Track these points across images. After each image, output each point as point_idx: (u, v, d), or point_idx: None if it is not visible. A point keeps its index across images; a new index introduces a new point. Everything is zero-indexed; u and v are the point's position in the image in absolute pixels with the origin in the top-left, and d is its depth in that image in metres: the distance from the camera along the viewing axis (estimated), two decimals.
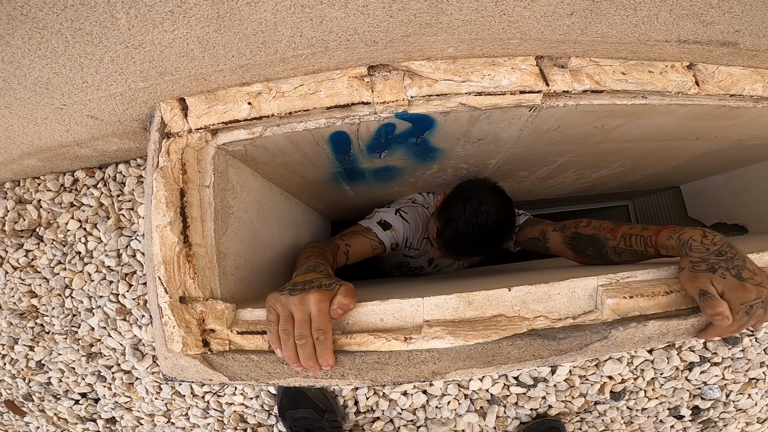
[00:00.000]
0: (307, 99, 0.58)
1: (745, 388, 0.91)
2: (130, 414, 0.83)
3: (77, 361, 0.81)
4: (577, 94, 0.60)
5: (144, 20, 0.45)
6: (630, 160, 1.00)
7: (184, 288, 0.57)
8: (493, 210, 0.85)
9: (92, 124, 0.64)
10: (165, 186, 0.57)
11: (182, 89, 0.58)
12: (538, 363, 0.58)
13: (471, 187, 0.91)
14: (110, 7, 0.43)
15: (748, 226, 1.30)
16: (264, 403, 0.80)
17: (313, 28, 0.48)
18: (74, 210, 0.76)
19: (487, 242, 0.86)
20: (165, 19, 0.45)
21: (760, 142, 0.96)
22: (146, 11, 0.43)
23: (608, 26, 0.53)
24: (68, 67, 0.52)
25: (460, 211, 0.85)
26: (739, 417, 0.94)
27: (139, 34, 0.47)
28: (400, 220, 0.99)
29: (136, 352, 0.79)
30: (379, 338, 0.54)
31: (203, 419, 0.81)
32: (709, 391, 0.89)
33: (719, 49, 0.61)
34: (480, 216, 0.84)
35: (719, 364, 0.88)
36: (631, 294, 0.57)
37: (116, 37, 0.47)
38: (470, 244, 0.85)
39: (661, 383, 0.86)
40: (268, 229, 0.80)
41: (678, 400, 0.89)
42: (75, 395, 0.84)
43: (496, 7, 0.48)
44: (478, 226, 0.84)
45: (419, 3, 0.46)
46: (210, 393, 0.80)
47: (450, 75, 0.57)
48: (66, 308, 0.79)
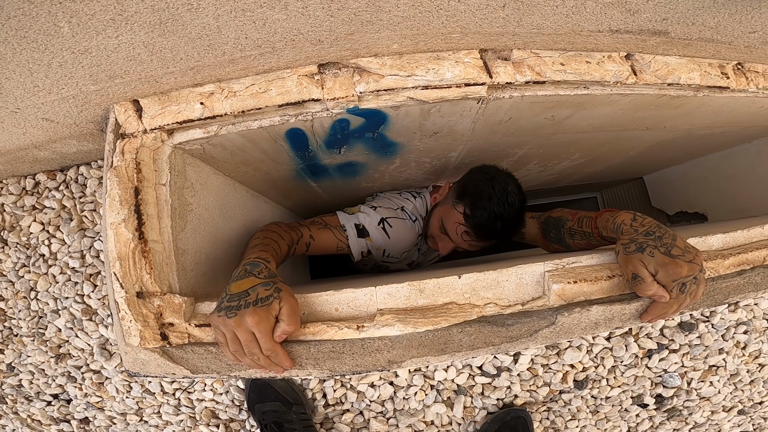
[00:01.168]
0: (259, 98, 0.59)
1: (705, 375, 0.94)
2: (103, 414, 0.84)
3: (46, 363, 0.82)
4: (520, 86, 0.63)
5: (86, 28, 0.46)
6: (588, 151, 1.04)
7: (141, 283, 0.59)
8: (515, 189, 0.84)
9: (48, 127, 0.65)
10: (119, 184, 0.58)
11: (134, 91, 0.59)
12: (492, 350, 0.60)
13: (489, 170, 0.89)
14: (52, 17, 0.44)
15: (707, 214, 1.35)
16: (234, 398, 0.81)
17: (257, 30, 0.50)
18: (37, 213, 0.77)
19: (515, 223, 0.84)
20: (107, 26, 0.46)
21: (709, 132, 1.00)
22: (87, 20, 0.45)
23: (541, 17, 0.56)
24: (18, 72, 0.53)
25: (490, 191, 0.82)
26: (703, 405, 0.97)
27: (84, 40, 0.48)
28: (381, 233, 0.92)
29: (104, 352, 0.79)
30: (332, 327, 0.56)
31: (175, 416, 0.82)
32: (670, 379, 0.92)
33: (652, 39, 0.64)
34: (510, 195, 0.82)
35: (677, 351, 0.91)
36: (576, 279, 0.59)
37: (61, 43, 0.48)
38: (503, 225, 0.81)
39: (622, 371, 0.89)
40: (232, 226, 0.81)
41: (640, 388, 0.91)
42: (47, 397, 0.84)
43: (432, 2, 0.50)
44: (509, 204, 0.81)
45: (357, 2, 0.48)
46: (180, 390, 0.81)
47: (396, 70, 0.59)
48: (32, 310, 0.80)
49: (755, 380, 1.00)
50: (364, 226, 0.91)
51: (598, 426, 0.93)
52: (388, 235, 0.92)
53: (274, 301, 0.50)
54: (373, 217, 0.92)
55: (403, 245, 0.97)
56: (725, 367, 0.96)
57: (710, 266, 0.65)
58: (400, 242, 0.96)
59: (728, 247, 0.70)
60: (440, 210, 0.92)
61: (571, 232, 0.78)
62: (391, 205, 0.99)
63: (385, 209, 0.96)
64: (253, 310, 0.48)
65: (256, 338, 0.49)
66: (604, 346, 0.86)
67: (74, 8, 0.44)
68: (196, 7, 0.44)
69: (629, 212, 0.63)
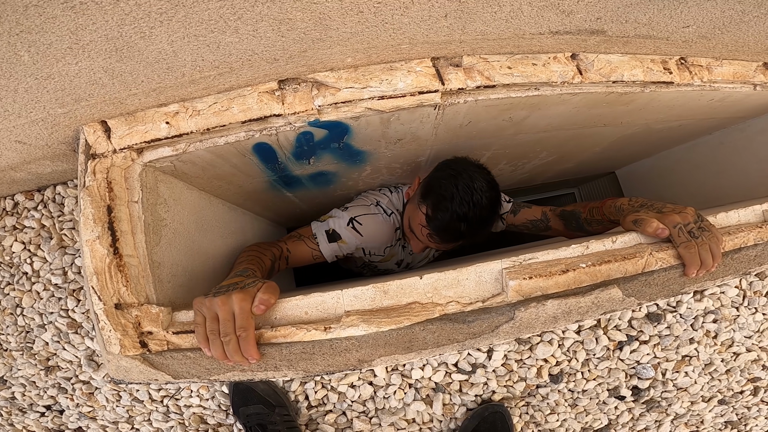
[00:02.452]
0: (222, 115, 0.62)
1: (679, 366, 0.96)
2: (96, 423, 0.87)
3: (37, 375, 0.84)
4: (472, 90, 0.66)
5: (45, 56, 0.48)
6: (554, 149, 1.07)
7: (119, 295, 0.61)
8: (485, 186, 0.78)
9: (21, 149, 0.67)
10: (91, 204, 0.61)
11: (101, 113, 0.61)
12: (457, 347, 0.63)
13: (455, 165, 0.83)
14: (11, 47, 0.46)
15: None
16: (221, 404, 0.84)
17: (212, 52, 0.53)
18: (17, 233, 0.79)
19: (484, 223, 0.79)
20: (66, 54, 0.48)
21: (667, 125, 1.03)
22: (45, 48, 0.47)
23: (483, 24, 0.58)
24: None
25: (452, 189, 0.77)
26: (681, 396, 0.98)
27: (45, 67, 0.50)
28: (351, 233, 0.91)
29: (92, 363, 0.82)
30: (300, 329, 0.59)
31: (165, 423, 0.85)
32: (644, 370, 0.93)
33: (592, 38, 0.67)
34: (475, 193, 0.76)
35: (647, 342, 0.93)
36: (531, 275, 0.62)
37: (24, 70, 0.50)
38: (468, 226, 0.77)
39: (596, 364, 0.91)
40: (209, 239, 0.83)
41: (615, 380, 0.93)
42: (40, 408, 0.87)
43: (376, 17, 0.52)
44: (474, 204, 0.76)
45: (305, 22, 0.51)
46: (168, 396, 0.83)
47: (351, 83, 0.61)
48: (19, 326, 0.82)
49: (731, 369, 1.02)
50: (334, 230, 0.91)
51: (578, 419, 0.95)
52: (359, 233, 0.92)
53: (259, 284, 0.58)
54: (342, 219, 0.92)
55: (380, 240, 0.96)
56: (698, 357, 0.98)
57: (661, 256, 0.68)
58: (376, 238, 0.94)
59: None
60: (409, 208, 0.90)
61: (588, 221, 0.84)
62: (365, 202, 0.99)
63: (356, 208, 0.96)
64: (239, 291, 0.55)
65: (234, 320, 0.54)
66: (575, 339, 0.89)
67: (31, 39, 0.46)
68: (148, 35, 0.47)
69: (625, 197, 0.75)
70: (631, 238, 0.68)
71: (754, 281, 1.02)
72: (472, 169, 0.82)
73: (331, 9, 0.48)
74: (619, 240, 0.68)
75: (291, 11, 0.47)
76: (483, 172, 0.83)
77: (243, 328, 0.54)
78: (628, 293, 0.66)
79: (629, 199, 0.76)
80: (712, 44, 0.77)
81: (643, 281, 0.66)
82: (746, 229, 0.72)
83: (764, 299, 1.01)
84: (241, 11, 0.46)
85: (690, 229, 0.64)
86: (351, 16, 0.51)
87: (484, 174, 0.82)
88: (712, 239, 0.63)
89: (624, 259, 0.65)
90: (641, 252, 0.66)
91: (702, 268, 0.63)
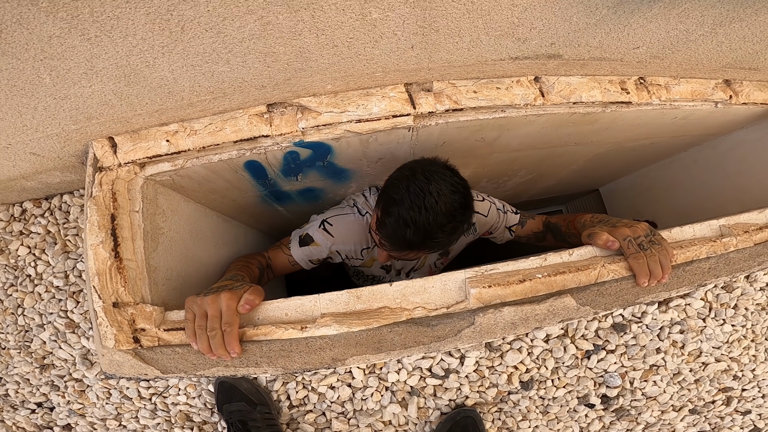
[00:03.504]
0: (216, 135, 0.69)
1: (646, 375, 0.99)
2: (84, 420, 0.91)
3: (31, 373, 0.89)
4: (442, 113, 0.73)
5: (64, 79, 0.56)
6: (531, 167, 1.14)
7: (117, 295, 0.67)
8: (445, 188, 0.69)
9: (35, 160, 0.74)
10: (97, 212, 0.68)
11: (109, 130, 0.69)
12: (423, 349, 0.68)
13: (415, 165, 0.73)
14: (35, 71, 0.54)
15: (656, 221, 1.46)
16: (206, 402, 0.89)
17: (208, 79, 0.60)
18: (24, 237, 0.86)
19: (439, 232, 0.69)
20: (81, 78, 0.56)
21: (639, 143, 1.10)
22: (65, 73, 0.55)
23: (447, 53, 0.65)
24: (10, 114, 0.62)
25: (403, 191, 0.69)
26: (651, 405, 1.01)
27: (63, 89, 0.58)
28: (323, 234, 0.89)
29: (86, 361, 0.87)
30: (279, 328, 0.64)
31: (152, 420, 0.89)
32: (611, 379, 0.97)
33: (550, 62, 0.73)
34: (429, 197, 0.67)
35: (614, 352, 0.97)
36: (491, 284, 0.68)
37: (44, 91, 0.58)
38: (417, 235, 0.68)
39: (564, 372, 0.95)
40: (203, 248, 0.90)
41: (584, 388, 0.97)
42: (31, 405, 0.91)
43: (350, 50, 0.60)
44: (427, 209, 0.67)
45: (287, 54, 0.59)
46: (156, 394, 0.88)
47: (331, 107, 0.69)
48: (19, 325, 0.88)
49: (700, 379, 1.06)
50: (307, 233, 0.89)
51: (549, 426, 0.98)
52: (330, 234, 0.88)
53: (246, 286, 0.63)
54: (316, 222, 0.91)
55: (352, 240, 0.91)
56: (666, 366, 1.01)
57: (613, 268, 0.74)
58: (347, 238, 0.90)
59: None
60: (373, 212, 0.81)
61: (567, 234, 0.89)
62: (343, 204, 0.96)
63: (331, 210, 0.93)
64: (228, 291, 0.61)
65: (221, 317, 0.59)
66: (544, 347, 0.94)
67: (53, 64, 0.54)
68: (152, 64, 0.55)
69: (590, 214, 0.84)
70: (587, 251, 0.74)
71: (721, 293, 1.06)
72: (432, 169, 0.71)
73: (309, 44, 0.56)
74: (575, 253, 0.74)
75: (274, 46, 0.55)
76: (447, 173, 0.72)
77: (228, 323, 0.60)
78: (583, 302, 0.72)
79: (591, 215, 0.83)
80: (666, 63, 0.82)
81: (596, 291, 0.72)
82: (699, 243, 0.76)
83: (731, 311, 1.06)
84: (231, 45, 0.54)
85: (640, 242, 0.69)
86: (327, 49, 0.59)
87: (447, 176, 0.71)
88: (661, 252, 0.68)
89: (578, 270, 0.71)
90: (594, 264, 0.72)
91: (652, 279, 0.68)
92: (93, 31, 0.50)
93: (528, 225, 1.00)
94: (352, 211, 0.93)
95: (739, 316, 1.07)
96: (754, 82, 0.96)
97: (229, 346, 0.60)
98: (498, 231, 1.02)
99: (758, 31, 0.75)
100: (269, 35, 0.54)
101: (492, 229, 1.02)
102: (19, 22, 0.47)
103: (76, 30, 0.49)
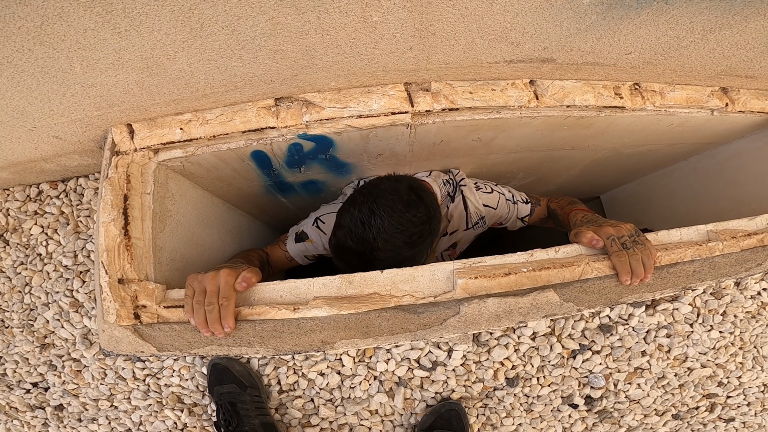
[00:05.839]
0: (226, 125, 0.75)
1: (630, 377, 1.00)
2: (77, 400, 0.93)
3: (31, 352, 0.92)
4: (438, 112, 0.78)
5: (93, 69, 0.62)
6: (529, 170, 1.18)
7: (123, 271, 0.71)
8: (388, 225, 0.68)
9: (57, 143, 0.80)
10: (111, 192, 0.72)
11: (129, 117, 0.74)
12: (410, 336, 0.71)
13: (374, 188, 0.74)
14: (68, 59, 0.60)
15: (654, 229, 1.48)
16: (199, 384, 0.91)
17: (221, 73, 0.66)
18: (38, 217, 0.90)
19: (376, 262, 0.71)
20: (108, 68, 0.62)
21: (637, 150, 1.13)
22: (94, 63, 0.60)
23: (444, 55, 0.70)
24: (39, 99, 0.68)
25: (347, 218, 0.72)
26: (634, 408, 1.02)
27: (91, 77, 0.63)
28: (316, 231, 0.93)
29: (85, 341, 0.90)
30: (273, 308, 0.68)
31: (144, 401, 0.91)
32: (595, 380, 0.98)
33: (544, 66, 0.76)
34: (367, 230, 0.69)
35: (600, 353, 0.98)
36: (477, 275, 0.71)
37: (74, 79, 0.64)
38: (356, 260, 0.72)
39: (550, 370, 0.96)
40: (207, 233, 0.94)
41: (569, 388, 0.97)
42: (27, 385, 0.93)
43: (352, 50, 0.66)
44: (364, 242, 0.69)
45: (295, 52, 0.64)
46: (150, 375, 0.90)
47: (334, 103, 0.75)
48: (25, 303, 0.91)
49: (685, 384, 1.06)
50: (303, 230, 0.94)
51: (533, 425, 0.99)
52: (323, 231, 0.92)
53: (245, 266, 0.66)
54: (310, 219, 0.95)
55: None
56: (650, 369, 1.02)
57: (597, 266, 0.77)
58: None
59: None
60: None
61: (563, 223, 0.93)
62: (337, 199, 0.99)
63: (325, 207, 0.96)
64: (227, 269, 0.64)
65: (219, 293, 0.62)
66: (530, 345, 0.96)
67: (84, 54, 0.59)
68: (173, 57, 0.61)
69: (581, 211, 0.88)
70: (573, 249, 0.77)
71: (710, 299, 1.06)
72: (386, 200, 0.70)
73: (315, 43, 0.62)
74: (562, 250, 0.77)
75: (283, 44, 0.61)
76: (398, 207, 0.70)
77: (225, 297, 0.64)
78: (566, 298, 0.75)
79: (582, 214, 0.87)
80: (659, 70, 0.82)
81: (579, 288, 0.75)
82: (685, 246, 0.78)
83: (720, 317, 1.06)
84: (244, 42, 0.60)
85: (623, 241, 0.72)
86: (331, 49, 0.65)
87: (397, 210, 0.69)
88: (644, 251, 0.71)
89: (563, 267, 0.74)
90: (579, 261, 0.75)
91: (635, 277, 0.71)
92: (124, 25, 0.55)
93: (536, 213, 1.05)
94: None
95: (727, 323, 1.08)
96: (751, 91, 0.96)
97: (224, 320, 0.64)
98: (509, 221, 1.06)
99: (750, 39, 0.76)
100: (279, 34, 0.60)
101: (502, 220, 1.06)
102: (60, 15, 0.52)
103: (108, 24, 0.55)
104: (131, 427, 0.93)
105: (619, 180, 1.48)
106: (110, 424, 0.94)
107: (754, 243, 0.84)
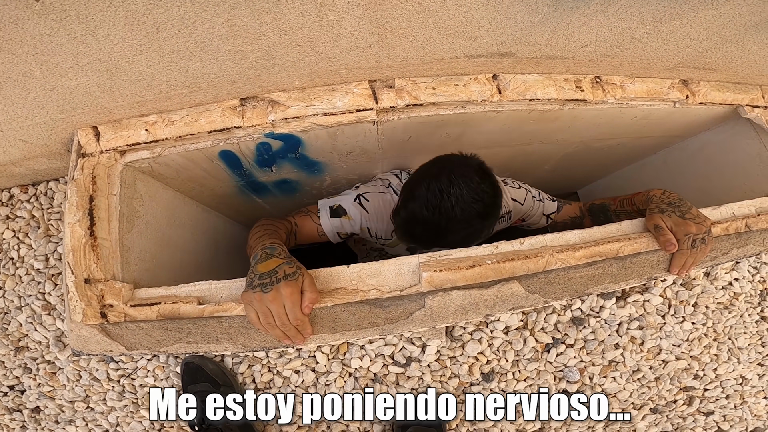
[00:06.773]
0: (192, 126, 0.75)
1: (605, 370, 1.01)
2: (53, 402, 0.93)
3: (6, 356, 0.92)
4: (402, 108, 0.79)
5: (53, 72, 0.62)
6: (502, 166, 1.20)
7: (89, 271, 0.71)
8: (466, 195, 0.68)
9: (24, 147, 0.80)
10: (77, 193, 0.73)
11: (93, 119, 0.75)
12: (378, 331, 0.72)
13: (447, 162, 0.73)
14: (28, 64, 0.61)
15: None
16: (174, 384, 0.91)
17: (183, 75, 0.67)
18: (9, 221, 0.90)
19: (449, 235, 0.71)
20: (68, 72, 0.62)
21: (605, 143, 1.15)
22: (54, 67, 0.61)
23: (404, 51, 0.71)
24: (3, 103, 0.68)
25: (423, 189, 0.70)
26: (611, 402, 1.02)
27: (52, 81, 0.64)
28: (358, 209, 0.89)
29: (59, 343, 0.90)
30: (239, 304, 0.68)
31: (119, 402, 0.91)
32: (570, 374, 0.98)
33: (504, 60, 0.77)
34: (446, 199, 0.68)
35: (573, 346, 0.99)
36: (442, 268, 0.72)
37: (35, 83, 0.64)
38: (426, 234, 0.71)
39: (525, 365, 0.97)
40: (179, 234, 0.95)
41: (545, 382, 0.98)
42: (4, 388, 0.93)
43: (312, 49, 0.67)
44: (441, 212, 0.68)
45: (255, 53, 0.65)
46: (124, 376, 0.91)
47: (298, 102, 0.76)
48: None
49: (660, 377, 1.07)
50: (340, 205, 0.89)
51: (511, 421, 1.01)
52: (366, 210, 0.89)
53: (299, 276, 0.60)
54: (351, 195, 0.91)
55: (385, 219, 0.92)
56: (624, 362, 1.03)
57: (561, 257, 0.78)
58: (382, 216, 0.91)
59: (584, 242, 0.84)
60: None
61: (616, 213, 0.90)
62: (377, 183, 0.97)
63: (366, 186, 0.94)
64: (286, 284, 0.58)
65: (285, 311, 0.57)
66: (504, 339, 0.97)
67: (43, 59, 0.60)
68: (132, 60, 0.61)
69: (660, 189, 0.81)
70: (537, 241, 0.78)
71: (680, 290, 1.08)
72: (460, 171, 0.70)
73: (274, 44, 0.63)
74: (527, 242, 0.78)
75: (242, 45, 0.62)
76: (475, 178, 0.70)
77: (299, 320, 0.60)
78: (531, 290, 0.76)
79: (662, 191, 0.81)
80: (617, 62, 0.83)
81: (543, 279, 0.76)
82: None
83: (691, 308, 1.08)
84: (202, 44, 0.61)
85: (694, 239, 0.70)
86: (291, 48, 0.66)
87: (474, 182, 0.70)
88: (703, 251, 0.71)
89: (527, 258, 0.75)
90: (543, 252, 0.76)
91: (682, 270, 0.73)
92: (79, 30, 0.56)
93: (564, 210, 1.03)
94: (388, 190, 0.94)
95: (699, 314, 1.09)
96: (711, 83, 0.97)
97: (305, 334, 0.63)
98: (532, 218, 1.04)
99: (702, 29, 0.76)
100: (236, 35, 0.61)
101: (525, 217, 1.04)
102: (16, 22, 0.53)
103: (64, 29, 0.55)
104: (108, 428, 0.93)
105: (593, 174, 1.50)
106: (87, 426, 0.94)
107: (718, 231, 0.86)
